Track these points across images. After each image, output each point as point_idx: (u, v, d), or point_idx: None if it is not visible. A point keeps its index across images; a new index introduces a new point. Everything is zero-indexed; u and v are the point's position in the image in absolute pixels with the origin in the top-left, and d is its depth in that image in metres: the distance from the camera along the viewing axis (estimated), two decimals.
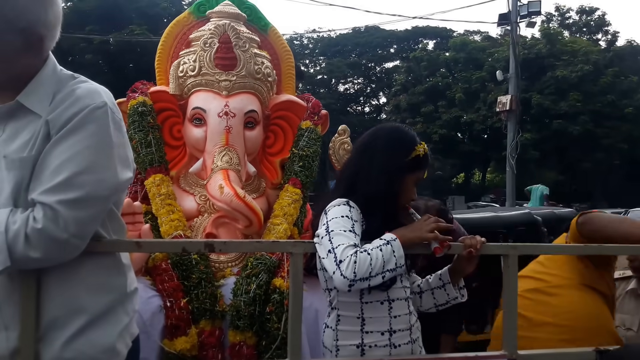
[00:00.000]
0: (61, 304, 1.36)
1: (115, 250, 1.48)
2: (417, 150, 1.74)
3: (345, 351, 1.65)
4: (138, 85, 2.68)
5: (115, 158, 1.36)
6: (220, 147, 2.49)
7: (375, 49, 32.46)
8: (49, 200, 1.25)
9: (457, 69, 27.65)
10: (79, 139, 1.30)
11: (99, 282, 1.42)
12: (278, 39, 2.80)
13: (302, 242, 1.62)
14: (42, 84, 1.38)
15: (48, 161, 1.29)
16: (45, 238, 1.25)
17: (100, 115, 1.34)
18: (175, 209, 2.39)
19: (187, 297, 2.15)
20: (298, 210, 2.54)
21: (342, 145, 2.72)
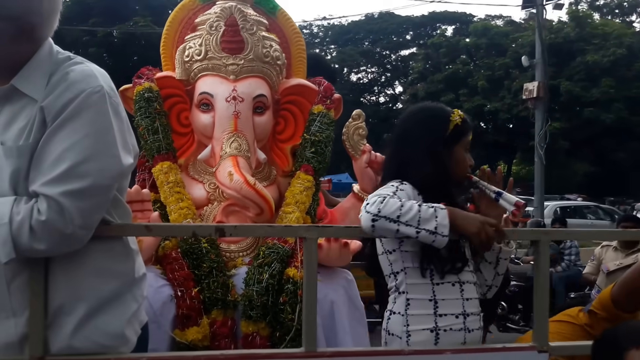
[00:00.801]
0: (68, 290, 1.41)
1: (124, 235, 1.53)
2: (454, 120, 1.79)
3: (419, 336, 1.66)
4: (144, 71, 2.73)
5: (116, 144, 1.38)
6: (229, 133, 2.54)
7: (389, 36, 32.36)
8: (52, 192, 1.28)
9: (478, 56, 27.50)
10: (77, 127, 1.32)
11: (106, 267, 1.46)
12: (287, 22, 2.84)
13: (316, 226, 1.65)
14: (36, 67, 1.40)
15: (47, 151, 1.32)
16: (50, 230, 1.28)
17: (97, 100, 1.36)
18: (184, 197, 2.45)
19: (198, 286, 2.21)
20: (310, 198, 2.58)
21: (357, 130, 2.75)
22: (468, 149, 1.82)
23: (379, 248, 1.76)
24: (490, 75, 25.82)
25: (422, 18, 32.12)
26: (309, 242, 1.53)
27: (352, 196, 2.82)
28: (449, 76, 26.79)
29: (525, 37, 25.22)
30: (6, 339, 1.43)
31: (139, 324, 1.55)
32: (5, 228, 1.28)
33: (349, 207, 2.81)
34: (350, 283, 2.44)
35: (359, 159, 2.75)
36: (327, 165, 2.71)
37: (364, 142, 2.76)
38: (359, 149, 2.75)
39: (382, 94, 33.71)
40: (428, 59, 28.71)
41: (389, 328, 1.73)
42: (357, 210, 2.77)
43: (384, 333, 1.76)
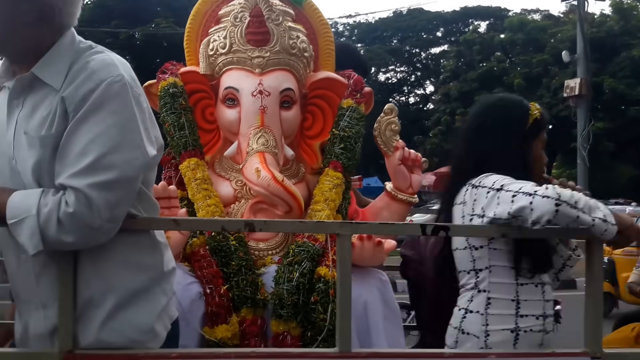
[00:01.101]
0: (96, 283, 1.45)
1: (151, 228, 1.57)
2: (533, 114, 1.83)
3: (498, 336, 1.71)
4: (168, 65, 2.79)
5: (140, 134, 1.43)
6: (256, 128, 2.57)
7: (419, 33, 32.25)
8: (79, 185, 1.33)
9: (514, 52, 27.22)
10: (100, 118, 1.37)
11: (134, 260, 1.50)
12: (314, 12, 2.87)
13: (349, 222, 1.65)
14: (57, 56, 1.45)
15: (72, 143, 1.36)
16: (78, 223, 1.33)
17: (119, 90, 1.40)
18: (211, 194, 2.49)
19: (227, 284, 2.25)
20: (340, 196, 2.60)
21: (390, 125, 2.76)
22: (544, 146, 1.87)
23: (461, 243, 1.80)
24: (528, 72, 25.53)
25: (454, 14, 31.94)
26: (342, 238, 1.53)
27: (385, 195, 2.82)
28: (483, 74, 26.56)
29: (564, 32, 24.92)
30: (36, 330, 1.49)
31: (169, 319, 1.59)
32: (33, 220, 1.33)
33: (382, 206, 2.82)
34: (385, 284, 2.45)
35: (392, 156, 2.75)
36: (357, 162, 2.73)
37: (397, 138, 2.77)
38: (391, 145, 2.76)
39: (412, 94, 33.61)
40: (460, 56, 28.52)
41: (463, 327, 1.76)
42: (390, 209, 2.83)
43: (455, 332, 1.79)
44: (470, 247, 1.77)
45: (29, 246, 1.34)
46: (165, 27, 19.55)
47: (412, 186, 2.78)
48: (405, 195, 2.76)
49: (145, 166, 1.47)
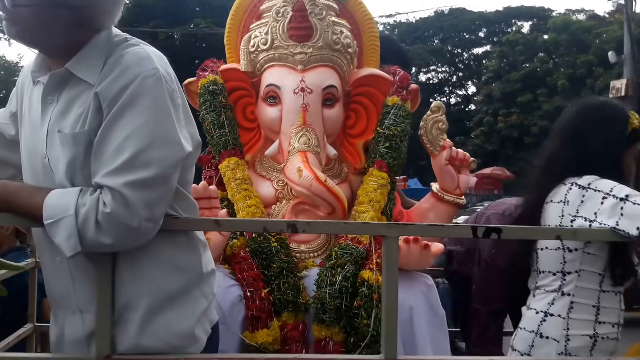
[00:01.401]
0: (134, 286, 1.40)
1: (192, 229, 1.52)
2: (632, 123, 1.86)
3: (577, 341, 1.72)
4: (208, 63, 2.75)
5: (175, 130, 1.37)
6: (297, 127, 2.51)
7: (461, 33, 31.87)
8: (115, 184, 1.28)
9: (558, 53, 26.67)
10: (135, 114, 1.31)
11: (173, 261, 1.45)
12: (359, 7, 2.78)
13: (396, 224, 1.59)
14: (92, 50, 1.40)
15: (107, 141, 1.31)
16: (116, 223, 1.28)
17: (154, 85, 1.34)
18: (252, 194, 2.43)
19: (268, 287, 2.18)
20: (385, 197, 2.51)
21: (436, 124, 2.66)
22: (637, 158, 1.90)
23: (552, 242, 1.80)
24: (572, 73, 25.00)
25: (497, 14, 31.47)
26: (389, 241, 1.46)
27: (431, 196, 2.72)
28: (526, 75, 26.12)
29: (610, 32, 24.30)
30: (73, 335, 1.44)
31: (209, 323, 1.53)
32: (71, 220, 1.28)
33: (428, 207, 2.72)
34: (431, 288, 2.35)
35: (438, 156, 2.65)
36: (403, 162, 2.63)
37: (444, 136, 2.67)
38: (438, 144, 2.66)
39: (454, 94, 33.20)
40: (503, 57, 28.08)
41: (541, 330, 1.76)
42: (436, 211, 2.73)
43: (530, 335, 1.79)
44: (564, 248, 1.77)
45: (65, 248, 1.29)
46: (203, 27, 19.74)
47: (460, 187, 2.67)
48: (452, 197, 2.66)
49: (181, 163, 1.41)
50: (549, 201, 1.88)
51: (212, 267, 1.58)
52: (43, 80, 1.43)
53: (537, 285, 1.87)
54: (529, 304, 1.89)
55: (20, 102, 1.54)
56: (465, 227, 1.64)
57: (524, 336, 1.81)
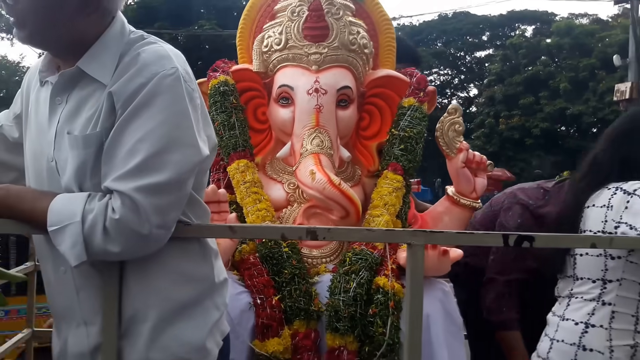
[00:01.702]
0: (143, 296, 1.32)
1: (205, 236, 1.44)
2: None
3: (620, 352, 1.69)
4: (219, 63, 2.66)
5: (194, 132, 1.28)
6: (310, 128, 2.41)
7: (464, 37, 31.72)
8: (125, 188, 1.19)
9: (561, 56, 26.57)
10: (150, 115, 1.23)
11: (184, 270, 1.36)
12: (376, 7, 2.69)
13: (422, 231, 1.49)
14: (105, 47, 1.32)
15: (119, 143, 1.22)
16: (125, 230, 1.19)
17: (172, 84, 1.26)
18: (262, 197, 2.34)
19: (279, 294, 2.09)
20: (401, 200, 2.42)
21: (453, 126, 2.57)
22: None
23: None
24: (574, 76, 24.87)
25: (500, 17, 31.29)
26: (414, 249, 1.38)
27: (447, 199, 2.63)
28: (528, 78, 25.97)
29: (613, 36, 24.18)
30: (76, 348, 1.35)
31: (221, 335, 1.45)
32: (77, 227, 1.19)
33: (443, 211, 2.63)
34: (447, 295, 2.26)
35: (455, 158, 2.56)
36: (418, 164, 2.54)
37: (461, 139, 2.58)
38: (454, 147, 2.57)
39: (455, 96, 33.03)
40: (506, 60, 27.96)
41: (584, 343, 1.70)
42: (451, 215, 2.62)
43: (572, 348, 1.73)
44: (606, 255, 1.70)
45: (70, 256, 1.20)
46: (208, 29, 19.70)
47: (476, 190, 2.58)
48: (469, 200, 2.57)
49: (198, 167, 1.32)
50: (590, 205, 1.82)
51: (224, 276, 1.50)
52: (52, 80, 1.34)
53: (572, 293, 1.80)
54: (563, 313, 1.81)
55: (25, 104, 1.45)
56: (495, 235, 1.55)
57: (564, 349, 1.74)
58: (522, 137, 24.86)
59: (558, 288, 1.90)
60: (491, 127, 26.06)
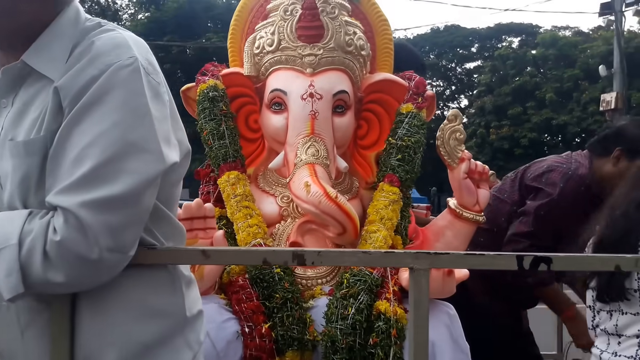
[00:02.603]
0: (98, 334, 1.02)
1: (174, 262, 1.13)
2: None
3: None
4: (208, 67, 2.33)
5: (155, 135, 0.99)
6: (305, 136, 2.08)
7: (455, 49, 31.46)
8: (69, 203, 0.91)
9: (546, 67, 26.30)
10: (102, 114, 0.94)
11: (148, 303, 1.07)
12: (372, 7, 2.36)
13: (426, 253, 1.21)
14: (55, 37, 1.03)
15: (65, 148, 0.94)
16: (68, 255, 0.90)
17: (129, 77, 0.98)
18: (253, 212, 2.01)
19: (270, 321, 1.75)
20: (398, 214, 2.09)
21: (454, 133, 2.24)
22: None
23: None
24: (559, 87, 24.60)
25: (488, 30, 31.08)
26: (417, 274, 1.15)
27: (448, 212, 2.29)
28: (516, 88, 25.70)
29: (594, 48, 23.93)
30: None
31: None
32: (12, 251, 0.90)
33: (445, 225, 2.29)
34: (453, 319, 1.92)
35: (456, 169, 2.23)
36: (417, 175, 2.21)
37: (462, 147, 2.25)
38: (456, 156, 2.23)
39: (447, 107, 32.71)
40: (495, 71, 27.69)
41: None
42: (454, 229, 2.25)
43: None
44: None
45: (4, 288, 0.91)
46: (216, 41, 19.47)
47: (479, 203, 2.24)
48: (472, 214, 2.23)
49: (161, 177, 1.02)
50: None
51: (198, 308, 1.18)
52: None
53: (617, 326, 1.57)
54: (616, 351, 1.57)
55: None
56: (508, 257, 1.25)
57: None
58: (512, 147, 24.56)
59: (616, 325, 1.62)
60: (483, 137, 25.77)
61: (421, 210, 2.76)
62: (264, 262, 1.21)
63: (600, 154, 2.48)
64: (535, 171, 2.56)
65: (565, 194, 2.39)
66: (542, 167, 2.54)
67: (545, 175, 2.48)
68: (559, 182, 2.42)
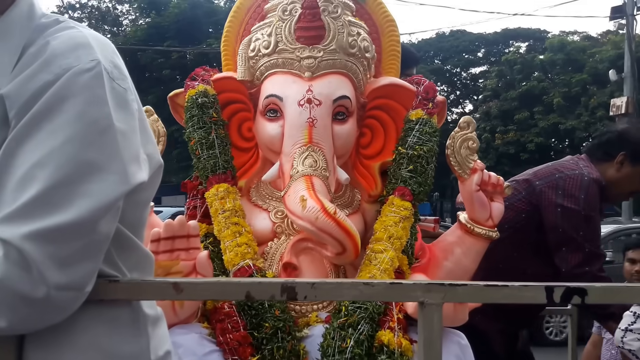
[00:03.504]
0: None
1: (139, 297, 0.98)
2: None
3: None
4: (199, 71, 2.17)
5: (118, 151, 0.85)
6: (302, 146, 1.92)
7: (460, 54, 31.26)
8: (11, 235, 0.77)
9: (554, 72, 26.10)
10: (55, 127, 0.81)
11: (106, 346, 0.91)
12: (378, 7, 2.19)
13: (439, 285, 1.06)
14: (3, 35, 0.88)
15: (10, 167, 0.81)
16: (9, 296, 0.76)
17: (89, 83, 0.84)
18: (243, 229, 1.84)
19: (259, 354, 1.58)
20: (408, 232, 1.92)
21: (465, 142, 2.07)
22: None
23: None
24: (567, 92, 24.39)
25: (495, 35, 30.83)
26: (429, 310, 1.01)
27: (459, 227, 2.12)
28: (523, 93, 25.48)
29: (603, 52, 23.75)
30: None
31: None
32: None
33: (454, 241, 2.11)
34: (465, 349, 1.75)
35: (468, 180, 2.06)
36: (430, 188, 2.04)
37: (475, 157, 2.08)
38: (467, 166, 2.06)
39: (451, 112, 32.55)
40: (502, 76, 27.50)
41: None
42: (464, 246, 2.04)
43: None
44: None
45: None
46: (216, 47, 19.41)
47: (493, 217, 2.07)
48: (484, 229, 2.06)
49: (123, 199, 0.87)
50: None
51: (166, 349, 1.02)
52: None
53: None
54: None
55: None
56: (536, 288, 1.09)
57: None
58: (518, 152, 24.32)
59: None
60: (487, 142, 25.55)
61: (429, 224, 2.58)
62: (246, 297, 1.04)
63: (601, 159, 2.44)
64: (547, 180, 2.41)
65: (589, 201, 2.30)
66: (552, 177, 2.40)
67: (561, 188, 2.34)
68: (579, 192, 2.30)
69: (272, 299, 1.05)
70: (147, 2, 22.34)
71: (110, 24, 24.68)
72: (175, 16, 20.76)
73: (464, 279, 2.10)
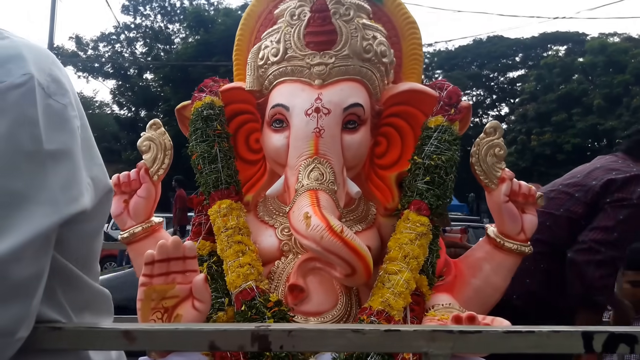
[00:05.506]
0: None
1: (84, 347, 0.81)
2: None
3: None
4: (208, 82, 2.00)
5: (46, 177, 0.72)
6: (307, 158, 1.70)
7: (498, 59, 30.43)
8: None
9: (595, 74, 25.05)
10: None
11: None
12: (398, 8, 1.95)
13: (447, 332, 0.85)
14: None
15: None
16: None
17: (19, 101, 0.70)
18: (247, 248, 1.64)
19: None
20: (426, 250, 1.66)
21: (492, 149, 1.81)
22: None
23: None
24: (608, 93, 23.38)
25: (533, 39, 29.88)
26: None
27: (487, 242, 1.86)
28: (562, 96, 24.61)
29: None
30: None
31: None
32: None
33: (483, 257, 1.85)
34: None
35: (495, 191, 1.80)
36: (450, 201, 1.78)
37: (502, 165, 1.82)
38: (494, 175, 1.81)
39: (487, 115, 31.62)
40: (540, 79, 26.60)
41: None
42: (494, 262, 1.73)
43: None
44: None
45: None
46: None
47: (525, 231, 1.81)
48: (516, 244, 1.80)
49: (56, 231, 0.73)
50: None
51: None
52: None
53: None
54: None
55: None
56: (571, 334, 0.87)
57: None
58: (554, 153, 23.48)
59: None
60: (523, 144, 24.78)
61: (455, 235, 2.32)
62: (210, 348, 0.84)
63: None
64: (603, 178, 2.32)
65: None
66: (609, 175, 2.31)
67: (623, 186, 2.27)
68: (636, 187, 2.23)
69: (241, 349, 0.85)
70: (195, 20, 22.79)
71: (163, 42, 25.25)
72: (222, 33, 21.10)
73: (494, 297, 1.85)
